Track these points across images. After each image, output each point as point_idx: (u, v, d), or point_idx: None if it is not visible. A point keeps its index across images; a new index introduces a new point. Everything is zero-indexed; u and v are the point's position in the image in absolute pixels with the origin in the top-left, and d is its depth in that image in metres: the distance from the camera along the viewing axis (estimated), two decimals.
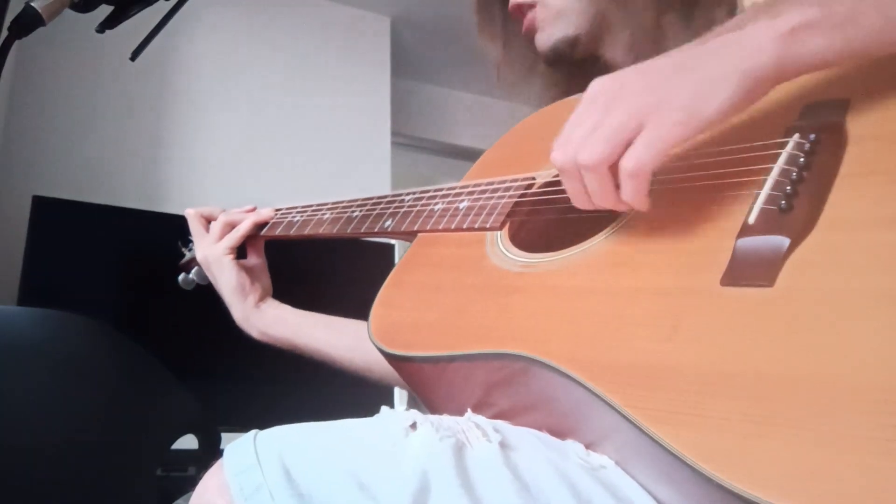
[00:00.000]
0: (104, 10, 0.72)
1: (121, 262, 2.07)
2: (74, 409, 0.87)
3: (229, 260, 0.94)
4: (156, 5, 0.74)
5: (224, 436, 1.06)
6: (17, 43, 0.64)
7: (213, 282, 0.98)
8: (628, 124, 0.49)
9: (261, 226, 0.97)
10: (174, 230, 1.09)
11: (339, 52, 2.77)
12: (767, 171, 0.51)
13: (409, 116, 3.18)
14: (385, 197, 0.85)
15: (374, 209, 0.83)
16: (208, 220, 1.00)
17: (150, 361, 1.02)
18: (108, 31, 0.72)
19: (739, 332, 0.43)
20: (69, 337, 0.96)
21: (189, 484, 0.51)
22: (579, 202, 0.55)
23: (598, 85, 0.53)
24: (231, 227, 0.97)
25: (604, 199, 0.53)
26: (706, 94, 0.48)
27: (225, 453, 0.48)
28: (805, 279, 0.44)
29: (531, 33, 0.86)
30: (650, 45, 0.78)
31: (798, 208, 0.47)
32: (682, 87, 0.49)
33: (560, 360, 0.49)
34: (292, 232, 0.92)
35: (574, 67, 0.84)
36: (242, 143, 2.50)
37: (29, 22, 0.63)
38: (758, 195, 0.50)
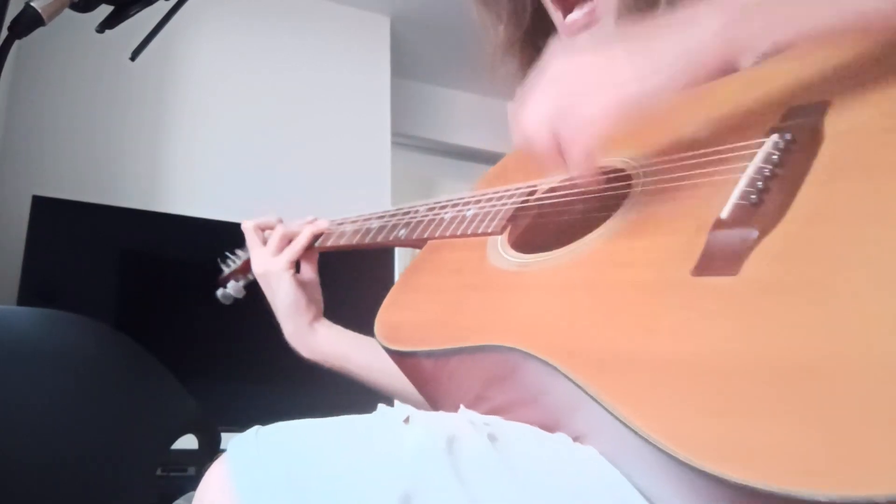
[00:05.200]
0: (104, 10, 0.72)
1: (121, 262, 2.08)
2: (74, 409, 0.87)
3: (289, 275, 0.93)
4: (156, 5, 0.74)
5: (224, 436, 1.06)
6: (17, 43, 0.64)
7: (268, 296, 0.96)
8: (566, 107, 0.55)
9: (317, 237, 0.96)
10: (174, 230, 1.09)
11: (339, 52, 2.77)
12: (745, 169, 0.53)
13: (409, 116, 3.18)
14: (402, 209, 0.88)
15: (391, 221, 0.87)
16: (264, 230, 0.98)
17: (151, 361, 1.02)
18: (108, 31, 0.72)
19: (703, 319, 0.46)
20: (69, 337, 0.96)
21: (189, 484, 0.52)
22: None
23: (556, 63, 0.57)
24: (288, 239, 0.95)
25: (550, 162, 0.57)
26: (652, 88, 0.53)
27: (228, 447, 0.50)
28: (767, 268, 0.46)
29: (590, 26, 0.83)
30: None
31: (768, 203, 0.49)
32: (626, 73, 0.54)
33: (542, 351, 0.52)
34: (317, 244, 0.94)
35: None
36: (242, 143, 2.50)
37: (29, 22, 0.63)
38: (733, 192, 0.52)
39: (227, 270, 1.10)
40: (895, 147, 0.47)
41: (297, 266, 0.96)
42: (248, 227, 0.99)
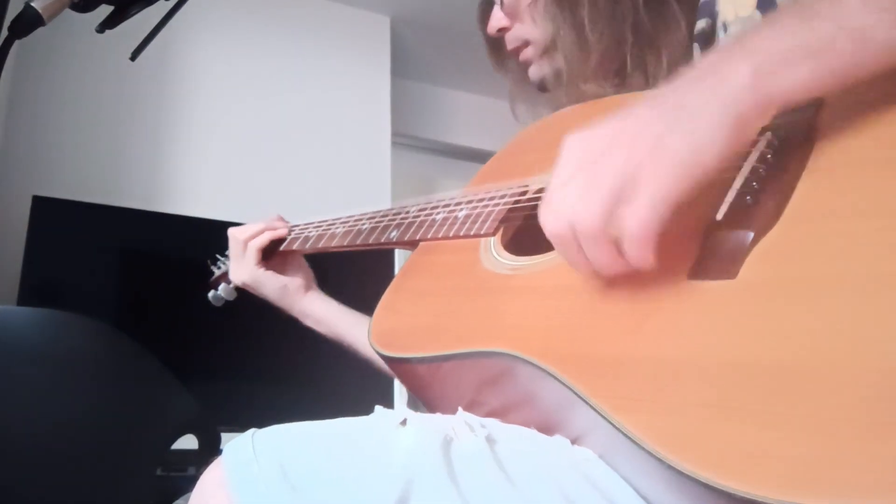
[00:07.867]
0: (104, 10, 0.72)
1: (121, 262, 2.07)
2: (74, 409, 0.87)
3: (262, 272, 0.98)
4: (156, 5, 0.74)
5: (224, 436, 1.06)
6: (17, 43, 0.64)
7: (262, 296, 1.01)
8: (623, 181, 0.45)
9: (279, 240, 1.00)
10: (174, 230, 1.09)
11: (339, 52, 2.77)
12: (739, 169, 0.52)
13: (409, 116, 3.17)
14: (392, 209, 0.88)
15: (382, 221, 0.87)
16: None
17: (151, 361, 1.02)
18: (108, 31, 0.72)
19: (700, 323, 0.45)
20: (69, 337, 0.96)
21: (189, 484, 0.52)
22: (581, 269, 0.50)
23: (577, 141, 0.50)
24: (245, 242, 1.00)
25: (608, 266, 0.48)
26: (703, 143, 0.45)
27: (224, 450, 0.50)
28: (765, 270, 0.45)
29: (526, 66, 0.93)
30: (614, 74, 0.86)
31: (763, 203, 0.49)
32: (677, 139, 0.45)
33: (536, 355, 0.52)
34: (308, 246, 0.97)
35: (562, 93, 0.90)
36: (242, 143, 2.50)
37: (29, 22, 0.64)
38: (727, 193, 0.51)
39: (217, 272, 1.11)
40: (890, 143, 0.47)
41: (269, 255, 1.00)
42: (231, 235, 1.03)
